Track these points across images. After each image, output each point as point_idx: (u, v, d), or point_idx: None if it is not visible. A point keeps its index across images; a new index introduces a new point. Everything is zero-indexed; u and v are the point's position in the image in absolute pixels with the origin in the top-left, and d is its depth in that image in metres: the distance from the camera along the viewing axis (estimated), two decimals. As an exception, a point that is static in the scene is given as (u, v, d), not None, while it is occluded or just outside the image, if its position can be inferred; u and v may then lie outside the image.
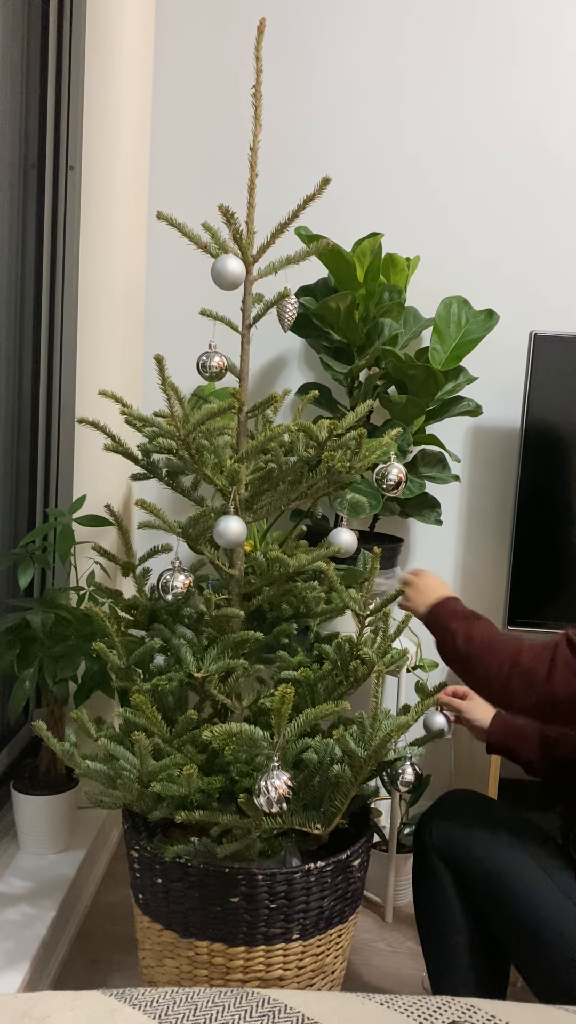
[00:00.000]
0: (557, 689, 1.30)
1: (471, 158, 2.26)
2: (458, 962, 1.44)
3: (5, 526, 1.98)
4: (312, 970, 1.48)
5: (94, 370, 2.06)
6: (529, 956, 1.36)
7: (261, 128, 1.45)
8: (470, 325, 2.10)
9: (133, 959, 1.80)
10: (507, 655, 1.36)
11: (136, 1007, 0.88)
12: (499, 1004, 0.93)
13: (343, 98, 2.27)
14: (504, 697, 1.37)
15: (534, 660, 1.33)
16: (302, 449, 1.47)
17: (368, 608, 1.51)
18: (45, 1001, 0.89)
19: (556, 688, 1.30)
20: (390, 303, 2.01)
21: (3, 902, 1.70)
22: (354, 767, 1.35)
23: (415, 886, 1.50)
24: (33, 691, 1.73)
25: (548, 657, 1.32)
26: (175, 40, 2.27)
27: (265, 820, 1.34)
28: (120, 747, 1.40)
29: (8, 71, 1.84)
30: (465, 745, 2.23)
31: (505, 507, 2.32)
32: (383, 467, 1.52)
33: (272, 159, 2.07)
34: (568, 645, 1.32)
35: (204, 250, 1.46)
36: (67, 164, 1.99)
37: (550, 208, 2.26)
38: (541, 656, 1.33)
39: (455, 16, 2.23)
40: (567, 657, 1.30)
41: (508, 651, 1.37)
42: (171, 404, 1.40)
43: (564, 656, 1.31)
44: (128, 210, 2.13)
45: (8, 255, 1.90)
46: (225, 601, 1.51)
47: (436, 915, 1.46)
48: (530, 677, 1.33)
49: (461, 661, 1.42)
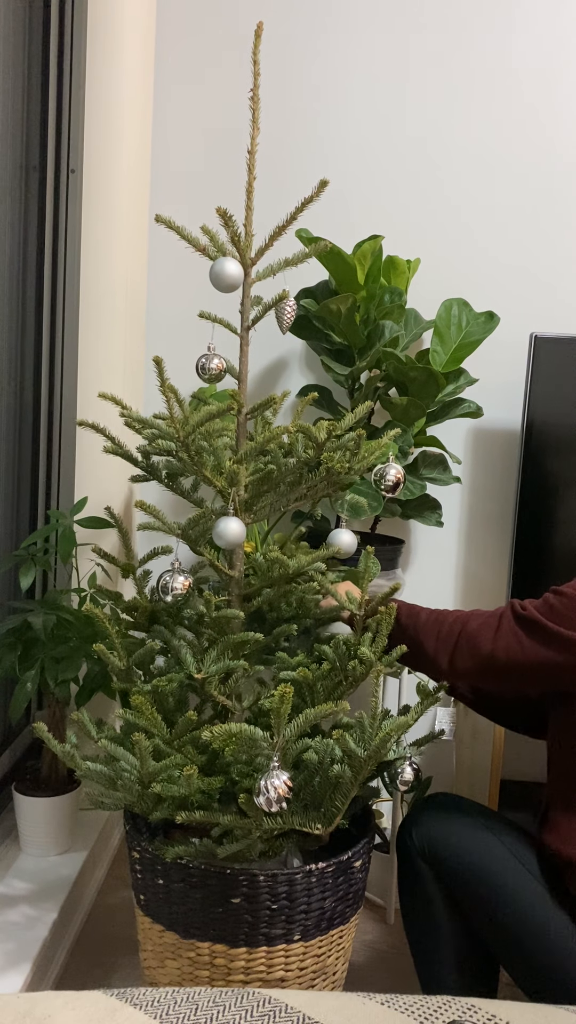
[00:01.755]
0: (499, 654, 1.38)
1: (471, 160, 2.27)
2: (445, 962, 1.45)
3: (7, 528, 1.99)
4: (314, 971, 1.48)
5: (95, 372, 2.07)
6: (514, 953, 1.37)
7: (259, 131, 1.45)
8: (471, 327, 2.10)
9: (134, 960, 1.80)
10: (456, 623, 1.43)
11: (137, 1007, 0.88)
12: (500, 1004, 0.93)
13: (343, 101, 2.27)
14: (451, 664, 1.42)
15: (481, 626, 1.41)
16: (301, 450, 1.47)
17: (365, 608, 1.51)
18: (46, 1001, 0.89)
19: (498, 652, 1.38)
20: (391, 305, 2.02)
21: (5, 903, 1.71)
22: (354, 767, 1.35)
23: (400, 888, 1.51)
24: (34, 693, 1.73)
25: (494, 624, 1.40)
26: (176, 43, 2.27)
27: (266, 820, 1.34)
28: (121, 748, 1.40)
29: (9, 74, 1.85)
30: (466, 745, 2.23)
31: (506, 509, 2.32)
32: (381, 468, 1.52)
33: (272, 162, 2.08)
34: (512, 614, 1.40)
35: (203, 253, 1.46)
36: (68, 167, 2.00)
37: (550, 210, 2.27)
38: (487, 623, 1.41)
39: (456, 19, 2.23)
40: (511, 624, 1.39)
41: (455, 619, 1.44)
42: (170, 406, 1.41)
43: (508, 623, 1.39)
44: (129, 213, 2.13)
45: (9, 258, 1.90)
46: (225, 602, 1.52)
47: (421, 916, 1.47)
48: (476, 641, 1.40)
49: (406, 635, 1.45)
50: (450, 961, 1.45)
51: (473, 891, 1.40)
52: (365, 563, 1.50)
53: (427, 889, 1.45)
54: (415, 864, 1.46)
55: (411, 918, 1.49)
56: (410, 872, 1.48)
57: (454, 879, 1.42)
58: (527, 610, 1.39)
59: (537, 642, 1.36)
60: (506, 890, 1.38)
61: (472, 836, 1.43)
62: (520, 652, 1.37)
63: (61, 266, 2.01)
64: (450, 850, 1.43)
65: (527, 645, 1.37)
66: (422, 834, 1.46)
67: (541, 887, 1.37)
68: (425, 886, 1.45)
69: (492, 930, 1.40)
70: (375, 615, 1.47)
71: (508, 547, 2.25)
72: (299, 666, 1.47)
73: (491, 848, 1.41)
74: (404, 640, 1.45)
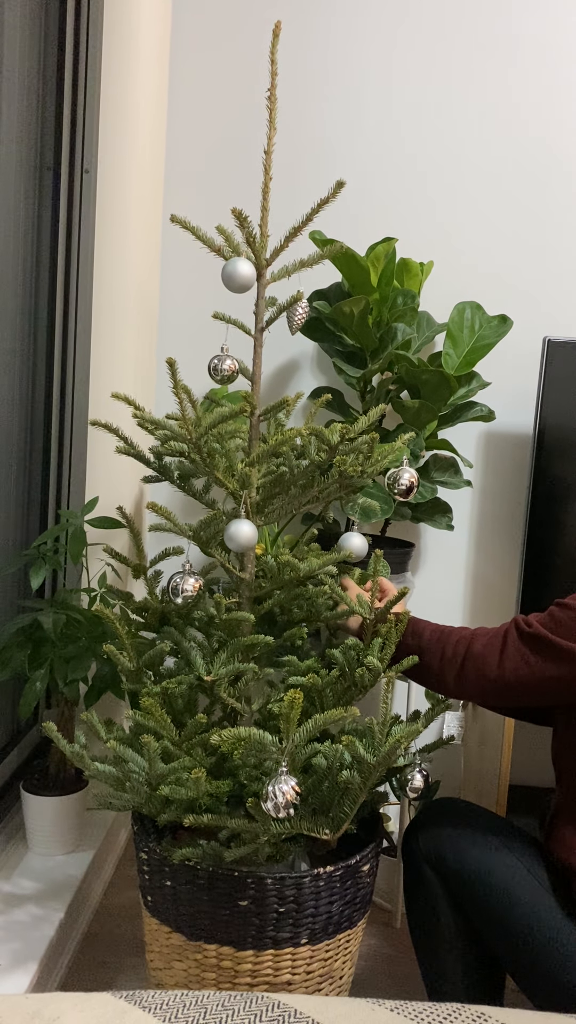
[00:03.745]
0: (507, 675, 1.36)
1: (486, 163, 2.26)
2: (451, 967, 1.44)
3: (18, 527, 1.99)
4: (320, 975, 1.48)
5: (107, 373, 2.07)
6: (520, 960, 1.36)
7: (276, 131, 1.45)
8: (483, 330, 2.09)
9: (140, 961, 1.80)
10: (460, 644, 1.40)
11: (145, 1009, 0.88)
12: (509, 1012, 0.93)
13: (357, 103, 2.27)
14: (458, 684, 1.40)
15: (485, 647, 1.38)
16: (314, 453, 1.46)
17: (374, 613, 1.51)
18: (55, 1002, 0.89)
19: (507, 674, 1.36)
20: (403, 308, 2.01)
21: (12, 903, 1.71)
22: (363, 773, 1.35)
23: (406, 894, 1.50)
24: (44, 692, 1.73)
25: (499, 645, 1.37)
26: (191, 43, 2.27)
27: (273, 825, 1.34)
28: (129, 750, 1.40)
29: (24, 74, 1.85)
30: (474, 750, 2.22)
31: (517, 512, 2.32)
32: (395, 471, 1.52)
33: (286, 163, 2.07)
34: (517, 632, 1.37)
35: (218, 253, 1.46)
36: (82, 167, 2.00)
37: (565, 213, 2.26)
38: (492, 643, 1.38)
39: (470, 24, 2.23)
40: (516, 644, 1.36)
41: (460, 639, 1.41)
42: (183, 407, 1.41)
43: (514, 643, 1.36)
44: (143, 213, 2.13)
45: (23, 257, 1.91)
46: (235, 604, 1.51)
47: (427, 921, 1.46)
48: (482, 664, 1.37)
49: (411, 654, 1.44)
50: (456, 967, 1.44)
51: (479, 898, 1.39)
52: (374, 567, 1.50)
53: (433, 895, 1.44)
54: (421, 870, 1.46)
55: (417, 923, 1.49)
56: (416, 878, 1.47)
57: (460, 886, 1.41)
58: (532, 627, 1.36)
59: (544, 659, 1.34)
60: (513, 898, 1.36)
61: (479, 843, 1.42)
62: (528, 671, 1.35)
63: (74, 266, 2.01)
64: (457, 857, 1.42)
65: (534, 663, 1.34)
66: (428, 840, 1.45)
67: (548, 895, 1.36)
68: (431, 892, 1.45)
69: (498, 937, 1.39)
70: (384, 621, 1.47)
71: (519, 551, 2.25)
72: (308, 671, 1.47)
73: (498, 855, 1.40)
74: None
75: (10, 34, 1.77)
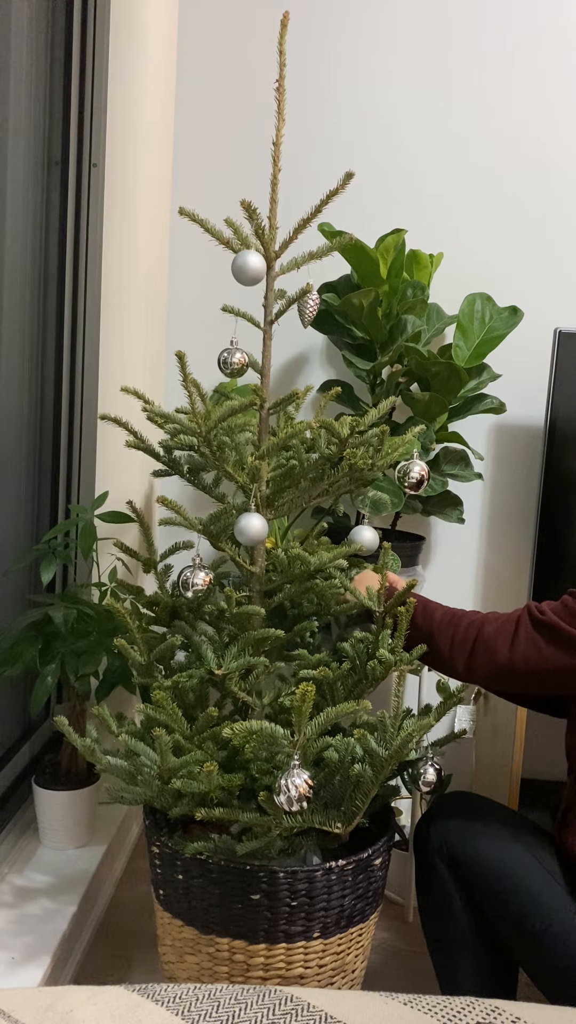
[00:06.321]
0: (517, 661, 1.36)
1: (496, 154, 2.25)
2: (463, 961, 1.44)
3: (28, 522, 1.99)
4: (333, 968, 1.48)
5: (117, 366, 2.07)
6: (533, 954, 1.36)
7: (284, 123, 1.44)
8: (494, 322, 2.08)
9: (153, 954, 1.80)
10: (471, 628, 1.40)
11: (159, 1003, 0.88)
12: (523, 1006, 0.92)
13: (366, 94, 2.26)
14: (467, 667, 1.40)
15: (497, 633, 1.38)
16: (324, 446, 1.46)
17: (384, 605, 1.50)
18: (68, 995, 0.89)
19: (516, 660, 1.36)
20: (413, 300, 2.00)
21: (24, 896, 1.71)
22: (375, 767, 1.34)
23: (418, 888, 1.50)
24: (55, 686, 1.73)
25: (511, 631, 1.37)
26: (198, 36, 2.26)
27: (285, 819, 1.33)
28: (141, 743, 1.40)
29: (32, 68, 1.85)
30: (486, 743, 2.21)
31: (528, 505, 2.30)
32: (405, 464, 1.51)
33: (295, 155, 2.06)
34: (530, 619, 1.37)
35: (227, 246, 1.45)
36: (90, 161, 1.99)
37: (575, 204, 2.24)
38: (503, 629, 1.38)
39: (480, 15, 2.21)
40: (528, 631, 1.36)
41: (471, 623, 1.41)
42: (192, 400, 1.40)
43: (526, 629, 1.36)
44: (151, 207, 2.13)
45: (32, 252, 1.91)
46: (246, 598, 1.51)
47: (439, 915, 1.46)
48: (493, 648, 1.37)
49: (421, 636, 1.43)
50: (468, 960, 1.44)
51: (492, 892, 1.39)
52: (384, 560, 1.49)
53: (445, 888, 1.44)
54: (433, 864, 1.45)
55: (429, 917, 1.48)
56: (428, 871, 1.47)
57: (472, 879, 1.41)
58: (545, 614, 1.36)
59: (555, 647, 1.34)
60: (526, 892, 1.36)
61: (491, 836, 1.42)
62: (539, 659, 1.35)
63: (83, 260, 2.01)
64: (469, 850, 1.42)
65: (546, 651, 1.34)
66: (440, 834, 1.45)
67: (561, 889, 1.36)
68: (443, 885, 1.44)
69: (511, 931, 1.38)
70: (394, 610, 1.46)
71: (530, 544, 2.24)
72: (320, 664, 1.47)
73: (511, 849, 1.40)
74: (420, 640, 1.44)
75: (18, 29, 1.77)
